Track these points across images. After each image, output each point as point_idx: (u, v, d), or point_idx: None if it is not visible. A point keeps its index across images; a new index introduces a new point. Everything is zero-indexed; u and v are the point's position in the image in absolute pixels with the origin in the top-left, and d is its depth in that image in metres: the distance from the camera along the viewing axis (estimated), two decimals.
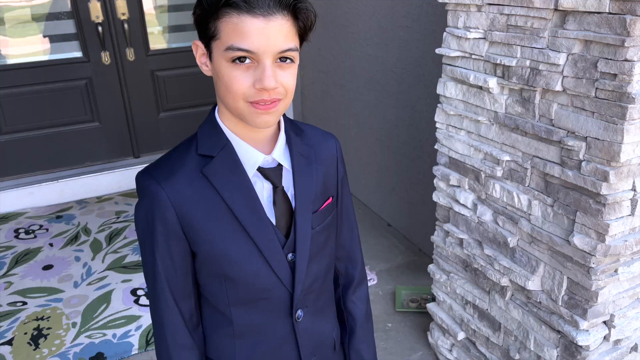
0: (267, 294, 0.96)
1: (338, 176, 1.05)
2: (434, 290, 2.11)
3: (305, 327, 1.02)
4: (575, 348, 1.50)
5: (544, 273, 1.56)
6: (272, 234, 0.93)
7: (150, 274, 0.93)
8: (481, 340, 1.90)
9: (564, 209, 1.44)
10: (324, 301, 1.07)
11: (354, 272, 1.16)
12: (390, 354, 2.23)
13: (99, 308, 2.52)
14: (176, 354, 0.95)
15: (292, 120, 1.02)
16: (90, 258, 2.93)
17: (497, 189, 1.65)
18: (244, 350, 1.00)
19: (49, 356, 2.23)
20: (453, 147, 1.80)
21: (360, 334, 1.16)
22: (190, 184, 0.89)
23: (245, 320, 0.98)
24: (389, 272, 2.79)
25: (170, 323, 0.94)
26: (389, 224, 3.25)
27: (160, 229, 0.89)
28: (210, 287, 0.96)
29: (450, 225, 1.90)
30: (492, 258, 1.71)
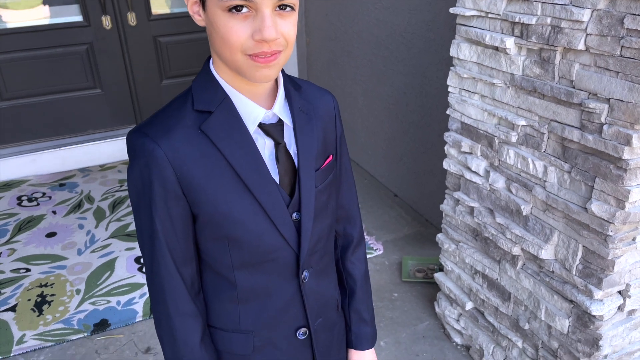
0: (273, 255, 0.92)
1: (337, 133, 1.01)
2: (442, 260, 2.07)
3: (311, 288, 0.98)
4: (588, 318, 1.47)
5: (558, 242, 1.52)
6: (276, 192, 0.88)
7: (147, 239, 0.87)
8: (490, 310, 1.87)
9: (582, 175, 1.38)
10: (326, 261, 1.03)
11: (352, 233, 1.12)
12: (396, 324, 2.21)
13: (103, 275, 2.50)
14: (179, 322, 0.90)
15: (289, 75, 0.96)
16: (93, 226, 2.90)
17: (511, 155, 1.59)
18: (249, 315, 0.96)
19: (53, 322, 2.22)
20: (466, 112, 1.74)
21: (360, 295, 1.13)
22: (188, 142, 0.83)
23: (249, 283, 0.93)
24: (395, 243, 2.75)
25: (172, 290, 0.88)
26: (395, 195, 3.20)
27: (158, 189, 0.83)
28: (212, 250, 0.91)
29: (461, 194, 1.85)
30: (504, 227, 1.66)
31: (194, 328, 0.91)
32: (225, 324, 0.96)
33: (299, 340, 1.00)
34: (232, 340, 0.97)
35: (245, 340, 0.97)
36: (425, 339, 2.13)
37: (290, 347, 1.00)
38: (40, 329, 2.18)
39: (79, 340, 2.15)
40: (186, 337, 0.90)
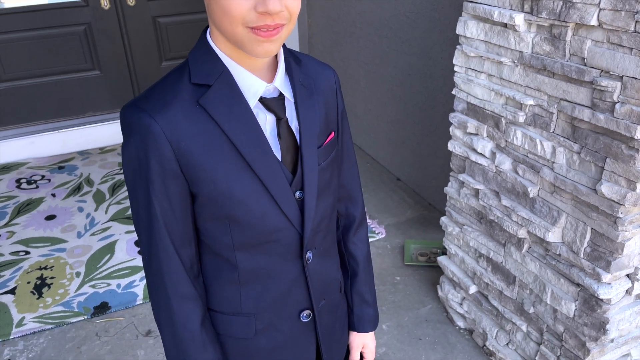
0: (276, 235, 0.89)
1: (338, 109, 0.97)
2: (446, 243, 2.04)
3: (314, 269, 0.95)
4: (595, 302, 1.44)
5: (566, 224, 1.48)
6: (278, 170, 0.85)
7: (144, 220, 0.83)
8: (494, 294, 1.84)
9: (592, 155, 1.35)
10: (329, 242, 1.00)
11: (354, 212, 1.09)
12: (398, 307, 2.19)
13: (103, 258, 2.48)
14: (178, 305, 0.86)
15: (289, 49, 0.92)
16: (93, 209, 2.88)
17: (518, 136, 1.55)
18: (251, 297, 0.92)
19: (53, 305, 2.20)
20: (472, 92, 1.70)
21: (362, 276, 1.10)
22: (186, 117, 0.79)
23: (251, 265, 0.90)
24: (397, 226, 2.73)
25: (170, 272, 0.85)
26: (398, 178, 3.16)
27: (155, 167, 0.79)
28: (212, 231, 0.88)
29: (466, 176, 1.82)
30: (510, 209, 1.63)
31: (193, 312, 0.88)
32: (226, 307, 0.93)
33: (302, 322, 0.97)
34: (233, 323, 0.94)
35: (246, 324, 0.94)
36: (427, 323, 2.11)
37: (294, 330, 0.98)
38: (40, 311, 2.17)
39: (79, 322, 2.13)
40: (186, 321, 0.87)
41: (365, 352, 1.15)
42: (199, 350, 0.88)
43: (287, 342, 0.97)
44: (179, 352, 0.89)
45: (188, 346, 0.88)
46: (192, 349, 0.88)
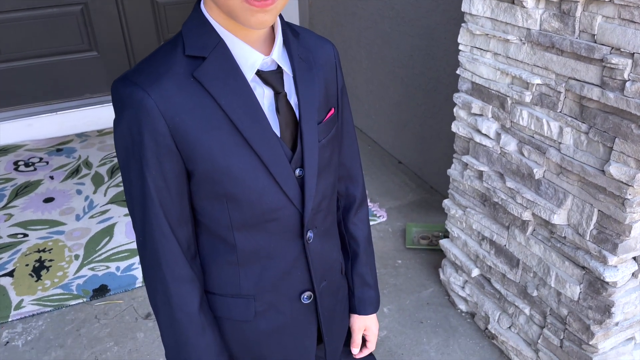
0: (275, 214, 0.86)
1: (338, 85, 0.94)
2: (448, 226, 2.02)
3: (315, 250, 0.92)
4: (601, 285, 1.42)
5: (572, 206, 1.46)
6: (277, 146, 0.82)
7: (138, 199, 0.80)
8: (497, 277, 1.82)
9: (601, 135, 1.31)
10: (330, 222, 0.97)
11: (355, 192, 1.06)
12: (400, 290, 2.18)
13: (102, 241, 2.46)
14: (175, 288, 0.83)
15: (286, 21, 0.88)
16: (92, 191, 2.85)
17: (524, 116, 1.52)
18: (250, 278, 0.90)
19: (52, 287, 2.19)
20: (477, 71, 1.66)
21: (363, 258, 1.08)
22: (180, 90, 0.76)
23: (250, 245, 0.87)
24: (399, 210, 2.70)
25: (166, 254, 0.82)
26: (399, 162, 3.13)
27: (149, 144, 0.76)
28: (209, 210, 0.85)
29: (470, 157, 1.78)
30: (515, 191, 1.60)
31: (191, 294, 0.85)
32: (224, 289, 0.91)
33: (303, 304, 0.95)
34: (232, 305, 0.91)
35: (246, 306, 0.91)
36: (429, 306, 2.10)
37: (294, 312, 0.95)
38: (38, 294, 2.15)
39: (78, 305, 2.12)
40: (183, 303, 0.84)
41: (368, 334, 1.13)
42: (197, 334, 0.86)
43: (288, 324, 0.95)
44: (176, 335, 0.86)
45: (185, 329, 0.85)
46: (190, 332, 0.85)
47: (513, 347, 1.79)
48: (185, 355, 0.87)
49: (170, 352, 0.89)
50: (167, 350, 0.89)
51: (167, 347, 0.89)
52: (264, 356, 0.97)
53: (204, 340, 0.87)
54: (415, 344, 1.93)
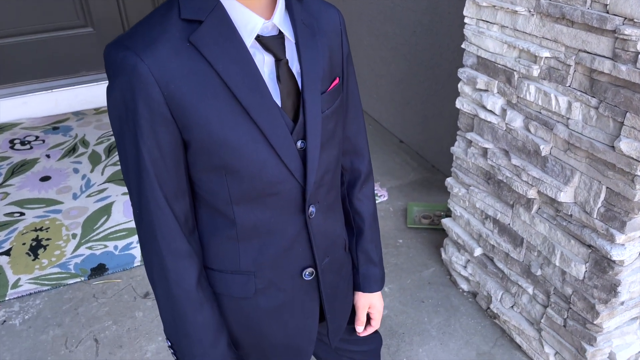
0: (276, 188, 0.82)
1: (343, 53, 0.89)
2: (451, 205, 1.99)
3: (317, 225, 0.89)
4: (607, 263, 1.39)
5: (579, 183, 1.42)
6: (278, 116, 0.78)
7: (133, 171, 0.77)
8: (500, 256, 1.80)
9: (611, 110, 1.27)
10: (333, 197, 0.94)
11: (360, 167, 1.02)
12: (401, 270, 2.16)
13: (100, 220, 2.43)
14: (172, 263, 0.80)
15: None
16: (89, 170, 2.81)
17: (531, 91, 1.47)
18: (250, 254, 0.86)
19: (49, 266, 2.16)
20: (483, 45, 1.61)
21: (368, 234, 1.05)
22: (176, 55, 0.71)
23: (250, 220, 0.84)
24: (400, 189, 2.67)
25: (163, 227, 0.79)
26: (401, 141, 3.09)
27: (143, 112, 0.72)
28: (207, 183, 0.81)
29: (474, 134, 1.74)
30: (520, 168, 1.57)
31: (188, 269, 0.82)
32: (223, 264, 0.87)
33: (305, 281, 0.92)
34: (231, 282, 0.88)
35: (246, 282, 0.88)
36: (430, 286, 2.08)
37: (295, 289, 0.92)
38: (35, 273, 2.13)
39: (76, 284, 2.10)
40: (180, 279, 0.81)
41: (372, 312, 1.10)
42: (194, 310, 0.83)
43: (289, 301, 0.92)
44: (173, 312, 0.84)
45: (183, 306, 0.83)
46: (188, 308, 0.83)
47: (515, 326, 1.78)
48: (183, 331, 0.85)
49: (168, 328, 0.87)
50: (165, 326, 0.87)
51: (165, 322, 0.87)
52: (265, 334, 0.94)
53: (202, 317, 0.84)
54: (416, 323, 1.91)
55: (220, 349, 0.87)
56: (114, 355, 1.80)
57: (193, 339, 0.85)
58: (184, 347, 0.86)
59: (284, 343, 0.96)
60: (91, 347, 1.83)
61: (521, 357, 1.77)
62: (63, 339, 1.86)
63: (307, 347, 0.99)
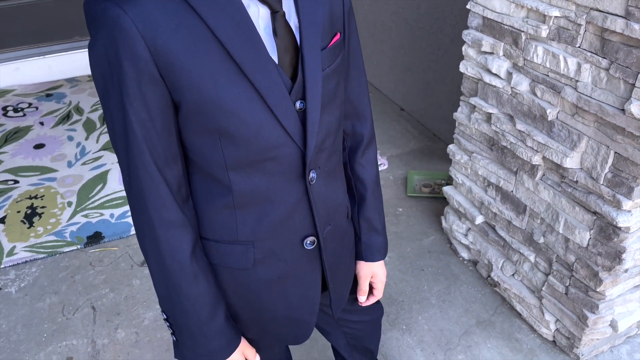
0: (274, 152, 0.77)
1: (344, 6, 0.83)
2: (452, 173, 1.95)
3: (318, 192, 0.85)
4: (612, 230, 1.36)
5: (586, 149, 1.38)
6: (274, 74, 0.72)
7: (120, 135, 0.71)
8: (502, 224, 1.77)
9: (622, 71, 1.22)
10: (335, 162, 0.89)
11: (362, 131, 0.97)
12: (401, 238, 2.13)
13: (95, 188, 2.39)
14: (164, 233, 0.76)
15: None
16: (83, 138, 2.76)
17: (539, 53, 1.42)
18: (248, 223, 0.82)
19: (45, 234, 2.13)
20: (489, 5, 1.54)
21: (370, 202, 1.01)
22: (162, 7, 0.66)
23: (247, 187, 0.79)
24: (400, 158, 2.63)
25: (153, 196, 0.74)
26: (401, 109, 3.03)
27: (129, 70, 0.66)
28: (200, 148, 0.76)
29: (478, 99, 1.69)
30: (525, 134, 1.52)
31: (182, 239, 0.77)
32: (220, 234, 0.83)
33: (306, 250, 0.88)
34: (228, 252, 0.84)
35: (244, 253, 0.84)
36: (430, 254, 2.06)
37: (296, 259, 0.88)
38: (31, 240, 2.10)
39: (72, 252, 2.07)
40: (173, 250, 0.77)
41: (375, 281, 1.07)
42: (189, 283, 0.79)
43: (290, 272, 0.88)
44: (167, 284, 0.80)
45: (177, 278, 0.78)
46: (182, 281, 0.79)
47: (516, 294, 1.76)
48: (178, 304, 0.81)
49: (163, 301, 0.82)
50: (160, 299, 0.83)
51: (159, 295, 0.82)
52: (265, 306, 0.90)
53: (198, 289, 0.80)
54: (415, 291, 1.90)
55: (217, 322, 0.83)
56: (111, 323, 1.79)
57: (189, 313, 0.81)
58: (179, 321, 0.82)
59: (285, 315, 0.93)
60: (88, 314, 1.82)
61: (521, 324, 1.76)
62: (60, 307, 1.85)
63: (310, 318, 0.96)
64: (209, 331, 0.83)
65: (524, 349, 1.68)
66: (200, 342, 0.83)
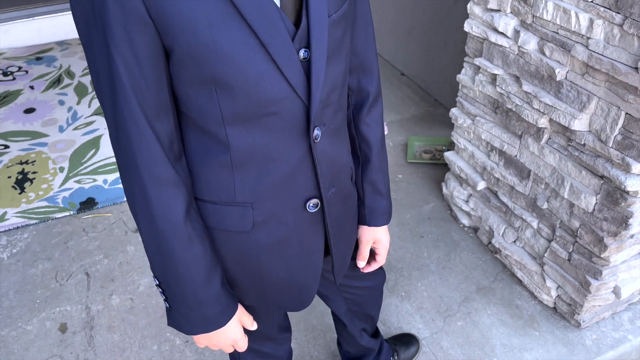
0: (275, 106, 0.71)
1: None
2: (454, 137, 1.89)
3: (323, 151, 0.79)
4: (620, 194, 1.32)
5: (596, 110, 1.33)
6: (276, 18, 0.66)
7: (106, 85, 0.65)
8: (504, 190, 1.73)
9: (637, 27, 1.16)
10: (340, 119, 0.83)
11: (368, 87, 0.91)
12: (400, 205, 2.09)
13: (88, 153, 2.34)
14: (155, 192, 0.70)
15: None
16: (75, 102, 2.68)
17: (549, 9, 1.35)
18: (247, 184, 0.77)
19: (36, 200, 2.09)
20: None
21: (375, 163, 0.95)
22: None
23: (246, 144, 0.74)
24: (400, 123, 2.57)
25: (144, 152, 0.68)
26: (402, 73, 2.96)
27: (114, 10, 0.60)
28: (194, 100, 0.70)
29: (483, 60, 1.63)
30: (532, 95, 1.47)
31: (175, 199, 0.72)
32: (217, 195, 0.78)
33: (308, 213, 0.83)
34: (226, 215, 0.79)
35: (242, 215, 0.79)
36: (430, 221, 2.02)
37: (298, 222, 0.83)
38: (22, 206, 2.06)
39: (65, 218, 2.03)
40: (166, 210, 0.71)
41: (378, 247, 1.03)
42: (183, 246, 0.74)
43: (291, 236, 0.83)
44: (159, 248, 0.74)
45: (170, 241, 0.73)
46: (175, 244, 0.73)
47: (517, 261, 1.73)
48: (171, 270, 0.76)
49: (155, 265, 0.77)
50: (152, 263, 0.77)
51: (151, 259, 0.77)
52: (265, 272, 0.85)
53: (192, 253, 0.75)
54: (415, 258, 1.87)
55: (213, 288, 0.79)
56: (105, 289, 1.76)
57: (182, 278, 0.76)
58: (172, 287, 0.77)
59: (286, 281, 0.88)
60: (82, 280, 1.79)
61: (521, 291, 1.74)
62: (53, 273, 1.81)
63: (312, 284, 0.91)
64: (203, 298, 0.78)
65: (524, 315, 1.66)
66: (195, 310, 0.79)
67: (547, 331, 1.61)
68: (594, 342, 1.58)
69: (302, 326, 1.63)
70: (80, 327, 1.63)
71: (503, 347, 1.57)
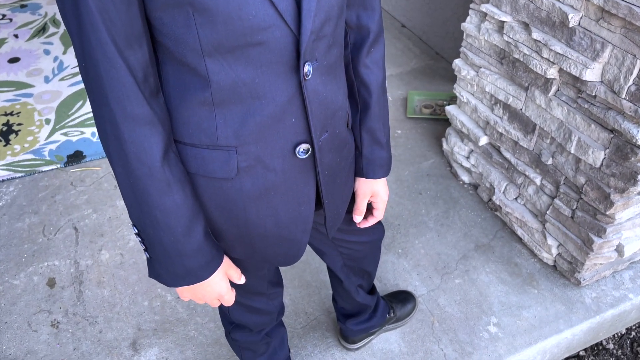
0: (261, 35, 0.63)
1: None
2: (457, 90, 1.81)
3: (315, 90, 0.72)
4: (630, 149, 1.26)
5: (609, 59, 1.25)
6: None
7: (71, 10, 0.58)
8: (507, 145, 1.66)
9: None
10: (336, 56, 0.74)
11: (369, 24, 0.83)
12: (398, 161, 2.03)
13: (75, 105, 2.25)
14: (129, 131, 0.63)
15: None
16: (61, 52, 2.57)
17: None
18: (230, 124, 0.70)
19: (22, 152, 2.01)
20: None
21: (375, 110, 0.88)
22: None
23: (228, 78, 0.66)
24: (400, 77, 2.48)
25: (115, 85, 0.61)
26: (403, 25, 2.84)
27: None
28: (170, 27, 0.62)
29: (490, 6, 1.53)
30: (541, 44, 1.38)
31: (151, 139, 0.65)
32: (197, 137, 0.71)
33: (298, 159, 0.76)
34: (208, 159, 0.72)
35: (225, 160, 0.72)
36: (429, 177, 1.97)
37: (288, 169, 0.76)
38: (8, 159, 1.99)
39: (51, 171, 1.96)
40: (140, 152, 0.65)
41: (376, 201, 0.97)
42: (161, 192, 0.67)
43: (279, 184, 0.77)
44: (136, 193, 0.68)
45: (147, 186, 0.66)
46: (152, 189, 0.67)
47: (518, 218, 1.69)
48: (148, 217, 0.69)
49: (133, 213, 0.71)
50: (129, 210, 0.71)
51: (128, 206, 0.71)
52: (251, 222, 0.79)
53: (171, 199, 0.68)
54: (413, 215, 1.82)
55: (194, 237, 0.72)
56: (94, 244, 1.71)
57: (161, 226, 0.70)
58: (151, 236, 0.71)
59: (274, 233, 0.82)
60: (70, 235, 1.74)
61: (521, 249, 1.70)
62: (40, 227, 1.76)
63: (301, 237, 0.85)
64: (184, 248, 0.72)
65: (523, 273, 1.63)
66: (176, 261, 0.73)
67: (546, 289, 1.58)
68: (594, 300, 1.55)
69: (297, 282, 1.60)
70: (69, 282, 1.59)
71: (501, 304, 1.54)
